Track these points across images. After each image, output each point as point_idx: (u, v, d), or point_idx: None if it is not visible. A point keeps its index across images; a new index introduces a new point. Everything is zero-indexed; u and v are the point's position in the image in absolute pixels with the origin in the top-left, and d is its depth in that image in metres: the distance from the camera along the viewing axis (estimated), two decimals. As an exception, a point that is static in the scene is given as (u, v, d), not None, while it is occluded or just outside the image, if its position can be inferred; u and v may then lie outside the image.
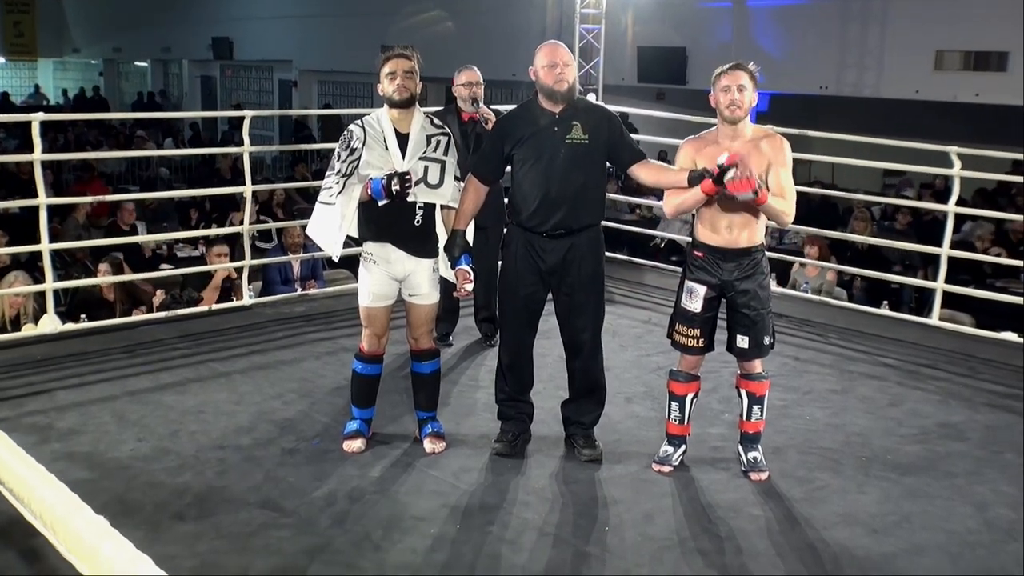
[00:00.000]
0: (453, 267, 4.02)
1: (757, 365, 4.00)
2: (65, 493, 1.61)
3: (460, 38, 16.58)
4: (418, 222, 4.00)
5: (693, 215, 3.98)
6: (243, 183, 6.44)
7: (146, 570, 1.42)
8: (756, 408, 4.00)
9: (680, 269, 4.12)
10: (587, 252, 4.01)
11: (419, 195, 3.95)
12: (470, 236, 4.08)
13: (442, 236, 4.10)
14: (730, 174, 3.56)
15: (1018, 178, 8.05)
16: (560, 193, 3.90)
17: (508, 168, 4.07)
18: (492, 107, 5.38)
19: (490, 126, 5.18)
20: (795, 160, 3.91)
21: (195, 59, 26.03)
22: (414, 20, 17.02)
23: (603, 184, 4.15)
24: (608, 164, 4.21)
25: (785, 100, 13.20)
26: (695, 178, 3.73)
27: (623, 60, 14.55)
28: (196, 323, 5.97)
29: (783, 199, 3.76)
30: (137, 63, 29.00)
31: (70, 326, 5.72)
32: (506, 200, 4.31)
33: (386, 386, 4.40)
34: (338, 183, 3.95)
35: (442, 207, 4.07)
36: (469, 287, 4.03)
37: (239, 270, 6.48)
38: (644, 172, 3.99)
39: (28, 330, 5.75)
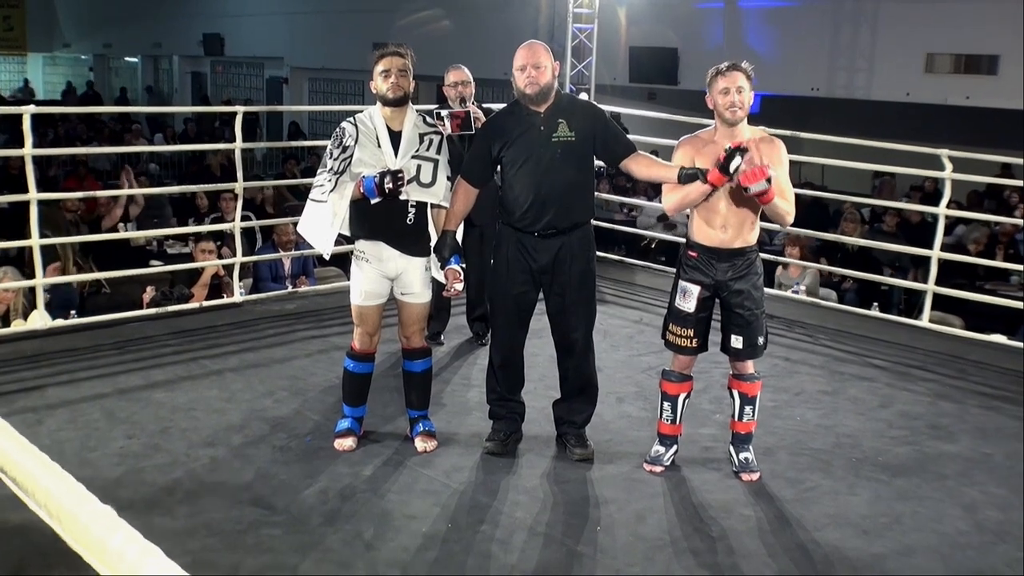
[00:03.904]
0: (443, 267, 4.01)
1: (750, 366, 4.00)
2: (70, 482, 1.60)
3: (452, 37, 16.56)
4: (410, 220, 3.99)
5: (687, 215, 3.98)
6: (234, 180, 6.41)
7: (156, 560, 1.40)
8: (748, 409, 4.01)
9: (672, 269, 4.12)
10: (578, 251, 4.01)
11: (411, 193, 3.94)
12: (459, 237, 4.07)
13: (434, 236, 4.09)
14: (736, 160, 3.54)
15: (1008, 181, 8.09)
16: (550, 192, 3.90)
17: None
18: (484, 106, 5.35)
19: (479, 124, 5.15)
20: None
21: (186, 55, 25.95)
22: (406, 19, 16.99)
23: (592, 181, 4.15)
24: (599, 162, 4.21)
25: (776, 101, 13.23)
26: (687, 177, 3.73)
27: (615, 60, 14.56)
28: (187, 320, 5.95)
29: (785, 200, 3.76)
30: (127, 59, 28.89)
31: (60, 322, 5.70)
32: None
33: (378, 384, 4.40)
34: (330, 181, 3.93)
35: (433, 206, 4.06)
36: (459, 287, 4.02)
37: (230, 267, 6.46)
38: (636, 166, 3.96)
39: (17, 326, 5.72)
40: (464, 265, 4.04)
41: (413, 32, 16.24)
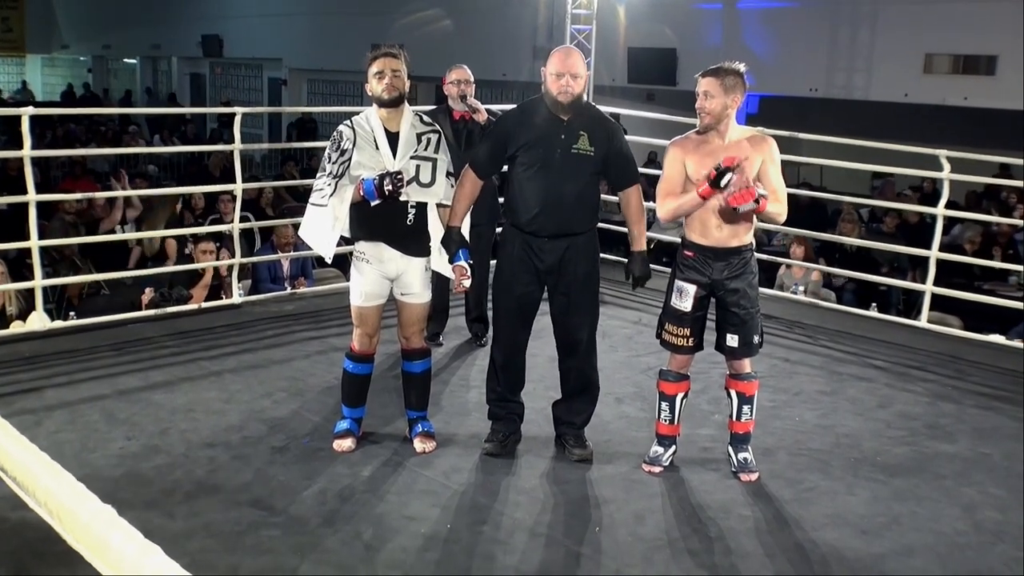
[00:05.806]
0: (451, 263, 4.01)
1: (746, 365, 4.01)
2: (71, 481, 1.60)
3: (450, 38, 16.57)
4: (410, 221, 3.99)
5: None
6: (232, 181, 6.42)
7: (156, 559, 1.41)
8: (746, 408, 4.01)
9: (670, 269, 4.13)
10: (584, 252, 4.02)
11: (411, 194, 3.94)
12: (466, 232, 4.07)
13: (437, 234, 4.08)
14: (727, 178, 3.56)
15: (1006, 181, 8.09)
16: (559, 201, 3.90)
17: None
18: (485, 107, 5.37)
19: (478, 116, 5.17)
20: (784, 162, 3.93)
21: (185, 56, 25.95)
22: (404, 20, 17.00)
23: (599, 193, 4.20)
24: None
25: (775, 102, 13.24)
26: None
27: (614, 61, 14.57)
28: (186, 321, 5.95)
29: (777, 201, 3.77)
30: (126, 60, 28.88)
31: (59, 323, 5.69)
32: (500, 199, 4.29)
33: (377, 385, 4.40)
34: (329, 185, 3.93)
35: (437, 205, 4.06)
36: (467, 283, 4.02)
37: (229, 268, 6.46)
38: (626, 198, 4.04)
39: (16, 327, 5.71)
40: (472, 261, 4.04)
41: (412, 33, 16.25)
